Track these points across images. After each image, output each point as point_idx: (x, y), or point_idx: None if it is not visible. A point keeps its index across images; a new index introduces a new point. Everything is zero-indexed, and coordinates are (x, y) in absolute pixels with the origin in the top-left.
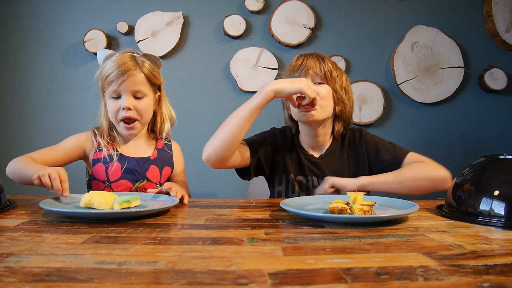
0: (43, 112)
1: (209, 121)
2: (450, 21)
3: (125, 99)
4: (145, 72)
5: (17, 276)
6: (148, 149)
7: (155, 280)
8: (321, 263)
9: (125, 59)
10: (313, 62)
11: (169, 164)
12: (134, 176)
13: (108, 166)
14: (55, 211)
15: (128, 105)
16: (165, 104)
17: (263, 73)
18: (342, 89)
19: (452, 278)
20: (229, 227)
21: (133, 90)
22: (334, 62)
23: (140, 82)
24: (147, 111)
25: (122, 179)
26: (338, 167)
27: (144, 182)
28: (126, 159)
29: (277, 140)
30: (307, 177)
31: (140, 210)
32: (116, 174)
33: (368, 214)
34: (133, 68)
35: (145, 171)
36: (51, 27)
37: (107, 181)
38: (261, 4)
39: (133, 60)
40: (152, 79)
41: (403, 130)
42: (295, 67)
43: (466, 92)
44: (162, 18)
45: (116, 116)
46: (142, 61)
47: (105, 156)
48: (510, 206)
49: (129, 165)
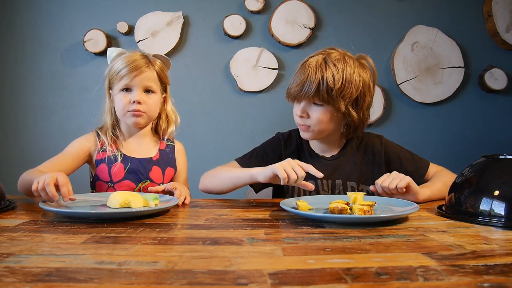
0: (43, 112)
1: (209, 121)
2: (450, 21)
3: (136, 93)
4: (157, 70)
5: (17, 276)
6: (151, 149)
7: (155, 280)
8: (321, 263)
9: (136, 57)
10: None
11: (172, 165)
12: (137, 176)
13: (111, 167)
14: (55, 211)
15: (139, 98)
16: (169, 106)
17: (263, 73)
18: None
19: (452, 278)
20: (229, 227)
21: (145, 86)
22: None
23: (152, 78)
24: (155, 107)
25: (125, 180)
26: (350, 169)
27: (147, 182)
28: (129, 159)
29: (280, 149)
30: (317, 181)
31: (140, 210)
32: (119, 175)
33: (368, 214)
34: (146, 65)
35: (148, 171)
36: (51, 27)
37: (110, 181)
38: (261, 4)
39: (145, 58)
40: (163, 77)
41: (403, 130)
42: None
43: (466, 92)
44: (162, 18)
45: (125, 108)
46: (154, 60)
47: (109, 156)
48: (510, 206)
49: (132, 165)
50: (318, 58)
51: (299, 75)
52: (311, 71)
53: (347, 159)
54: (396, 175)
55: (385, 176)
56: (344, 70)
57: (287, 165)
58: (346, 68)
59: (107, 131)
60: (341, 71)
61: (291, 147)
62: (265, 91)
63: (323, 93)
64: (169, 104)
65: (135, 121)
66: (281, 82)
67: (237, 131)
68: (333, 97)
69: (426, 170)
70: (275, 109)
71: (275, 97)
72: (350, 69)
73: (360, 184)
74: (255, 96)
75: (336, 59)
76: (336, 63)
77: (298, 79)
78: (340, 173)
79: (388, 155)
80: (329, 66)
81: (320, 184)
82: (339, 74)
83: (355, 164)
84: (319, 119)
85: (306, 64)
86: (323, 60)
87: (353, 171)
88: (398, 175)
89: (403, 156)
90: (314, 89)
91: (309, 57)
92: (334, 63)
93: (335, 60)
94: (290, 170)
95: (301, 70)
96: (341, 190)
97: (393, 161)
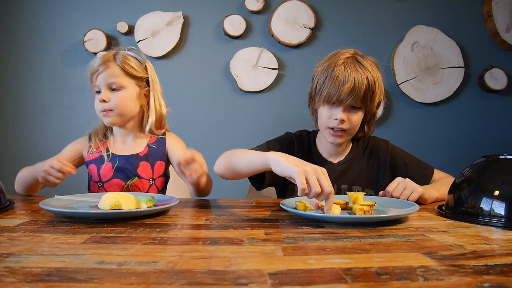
0: (43, 112)
1: (209, 121)
2: (450, 21)
3: (102, 92)
4: (119, 64)
5: (17, 276)
6: (138, 145)
7: (155, 280)
8: (321, 263)
9: (98, 57)
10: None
11: (162, 158)
12: (125, 174)
13: (100, 167)
14: (55, 211)
15: (103, 97)
16: (156, 100)
17: (263, 73)
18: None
19: (452, 278)
20: (229, 227)
21: (108, 83)
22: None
23: (116, 74)
24: (123, 103)
25: (114, 178)
26: (356, 174)
27: (135, 179)
28: (117, 158)
29: (293, 148)
30: None
31: (140, 210)
32: (108, 174)
33: (368, 214)
34: (105, 62)
35: (136, 168)
36: (51, 27)
37: (100, 181)
38: (261, 4)
39: (105, 56)
40: (129, 70)
41: (403, 130)
42: (335, 79)
43: (466, 92)
44: (162, 18)
45: (98, 109)
46: (122, 55)
47: (98, 157)
48: (510, 206)
49: (119, 163)
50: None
51: (339, 78)
52: (354, 73)
53: (353, 164)
54: (408, 185)
55: (395, 183)
56: (374, 71)
57: (312, 173)
58: (374, 69)
59: (98, 133)
60: (373, 72)
61: (302, 149)
62: (265, 91)
63: (367, 95)
64: (156, 99)
65: (108, 121)
66: (281, 82)
67: (237, 131)
68: (372, 99)
69: (431, 176)
70: (275, 109)
71: (275, 97)
72: (376, 70)
73: (365, 188)
74: (255, 96)
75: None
76: (367, 66)
77: (340, 82)
78: (346, 178)
79: (395, 160)
80: (365, 68)
81: None
82: (373, 75)
83: (361, 169)
84: (357, 123)
85: (340, 66)
86: (357, 62)
87: (358, 176)
88: (411, 185)
89: (409, 162)
90: (362, 91)
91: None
92: (365, 65)
93: (365, 62)
94: (315, 181)
95: (337, 72)
96: None
97: (399, 166)
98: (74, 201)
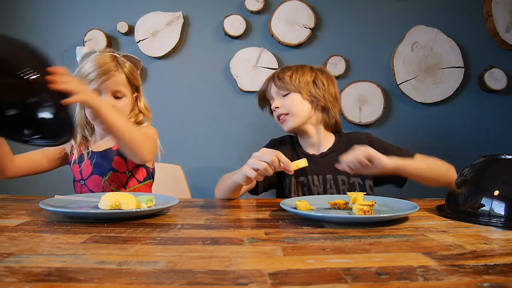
0: None
1: (209, 121)
2: (450, 21)
3: (105, 99)
4: (126, 73)
5: (17, 276)
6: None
7: (155, 280)
8: (321, 263)
9: (106, 59)
10: (271, 84)
11: None
12: (101, 169)
13: (81, 165)
14: (55, 211)
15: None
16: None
17: (263, 73)
18: (312, 86)
19: (452, 278)
20: (229, 227)
21: (113, 90)
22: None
23: (121, 82)
24: (125, 111)
25: (93, 175)
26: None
27: (109, 173)
28: (94, 154)
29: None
30: (308, 176)
31: (140, 210)
32: (87, 171)
33: (368, 214)
34: (115, 69)
35: (111, 162)
36: (51, 27)
37: (81, 179)
38: (261, 4)
39: (114, 61)
40: (132, 80)
41: (403, 130)
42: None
43: (466, 92)
44: (162, 18)
45: None
46: (123, 62)
47: (79, 156)
48: (510, 206)
49: (96, 159)
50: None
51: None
52: (269, 80)
53: (336, 155)
54: (358, 148)
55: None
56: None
57: (253, 161)
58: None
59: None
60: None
61: (286, 148)
62: None
63: (279, 83)
64: (142, 102)
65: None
66: None
67: (237, 131)
68: (289, 81)
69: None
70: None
71: None
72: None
73: (351, 177)
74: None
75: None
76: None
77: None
78: (330, 169)
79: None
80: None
81: (311, 180)
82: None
83: None
84: (293, 104)
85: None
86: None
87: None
88: (360, 148)
89: (388, 147)
90: (278, 79)
91: None
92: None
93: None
94: (257, 162)
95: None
96: (332, 184)
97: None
98: (74, 201)
